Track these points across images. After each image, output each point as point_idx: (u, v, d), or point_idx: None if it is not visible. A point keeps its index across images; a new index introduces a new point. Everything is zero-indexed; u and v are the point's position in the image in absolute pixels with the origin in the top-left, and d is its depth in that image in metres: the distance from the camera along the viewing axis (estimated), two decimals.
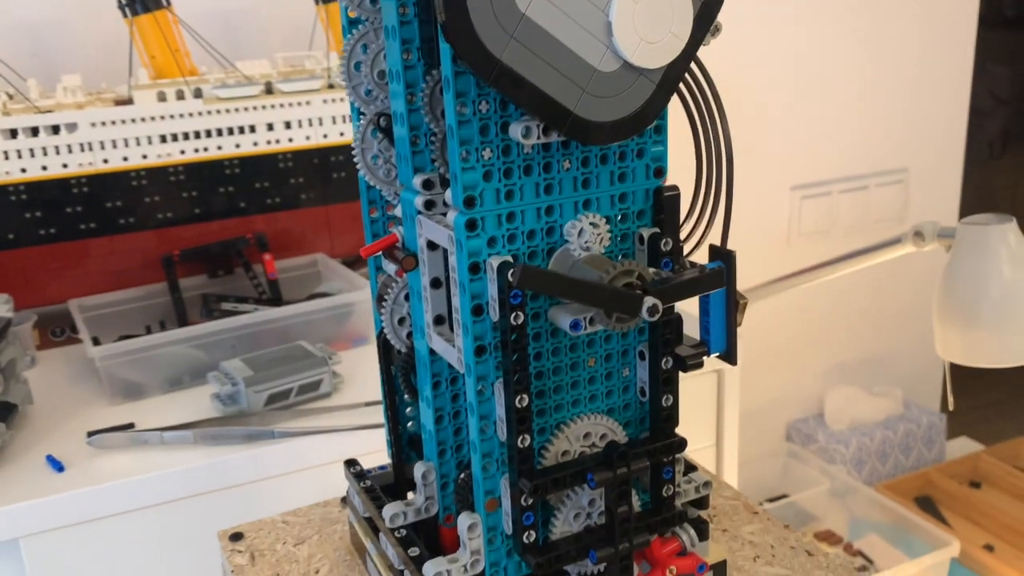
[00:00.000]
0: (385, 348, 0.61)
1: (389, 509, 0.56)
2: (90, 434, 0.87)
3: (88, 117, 1.09)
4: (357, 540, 0.66)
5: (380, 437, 0.67)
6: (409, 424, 0.64)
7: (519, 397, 0.47)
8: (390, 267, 0.58)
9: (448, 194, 0.47)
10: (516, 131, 0.45)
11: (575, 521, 0.51)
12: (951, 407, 1.06)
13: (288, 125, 1.18)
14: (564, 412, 0.52)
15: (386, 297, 0.58)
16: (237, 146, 1.16)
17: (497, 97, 0.45)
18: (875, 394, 1.96)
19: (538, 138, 0.45)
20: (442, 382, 0.55)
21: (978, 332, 0.98)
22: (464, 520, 0.51)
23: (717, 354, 0.53)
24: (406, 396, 0.61)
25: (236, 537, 0.69)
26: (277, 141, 1.18)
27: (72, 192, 1.10)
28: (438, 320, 0.53)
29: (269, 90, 1.19)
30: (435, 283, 0.52)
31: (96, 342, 0.98)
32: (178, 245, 1.15)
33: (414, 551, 0.54)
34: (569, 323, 0.47)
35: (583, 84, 0.43)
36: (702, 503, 0.58)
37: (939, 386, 2.08)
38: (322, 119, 1.20)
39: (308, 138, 1.19)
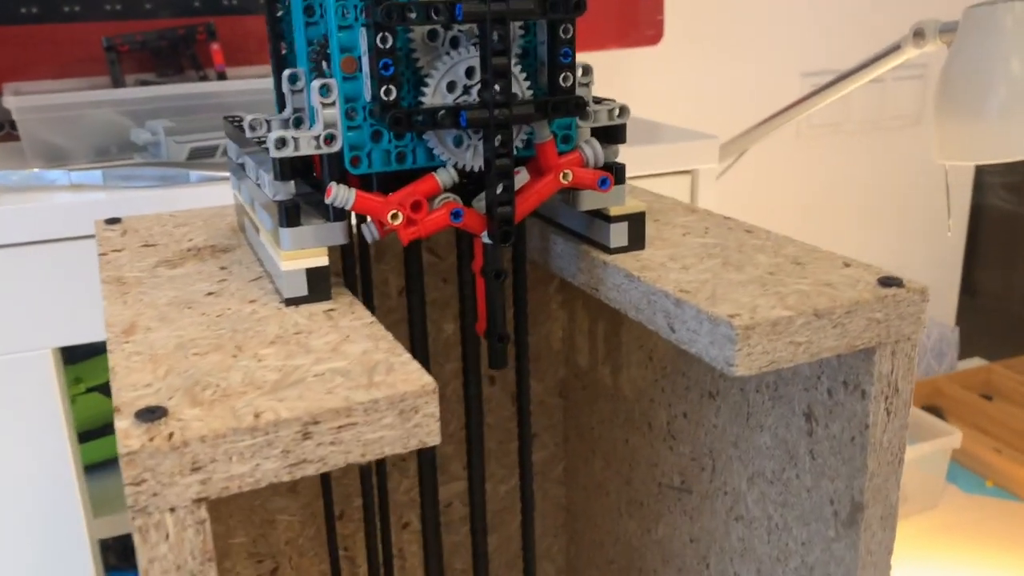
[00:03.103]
0: None
1: (250, 117, 0.49)
2: None
3: None
4: (241, 219, 0.59)
5: None
6: None
7: None
8: None
9: None
10: None
11: (449, 93, 0.44)
12: (949, 230, 0.97)
13: None
14: None
15: None
16: None
17: None
18: None
19: None
20: None
21: (982, 124, 0.89)
22: (316, 83, 0.43)
23: None
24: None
25: (113, 221, 0.62)
26: None
27: None
28: None
29: None
30: None
31: None
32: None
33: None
34: None
35: None
36: (616, 134, 0.50)
37: (953, 300, 1.97)
38: None
39: None
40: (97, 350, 1.07)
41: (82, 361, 1.07)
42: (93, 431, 1.07)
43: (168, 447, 0.32)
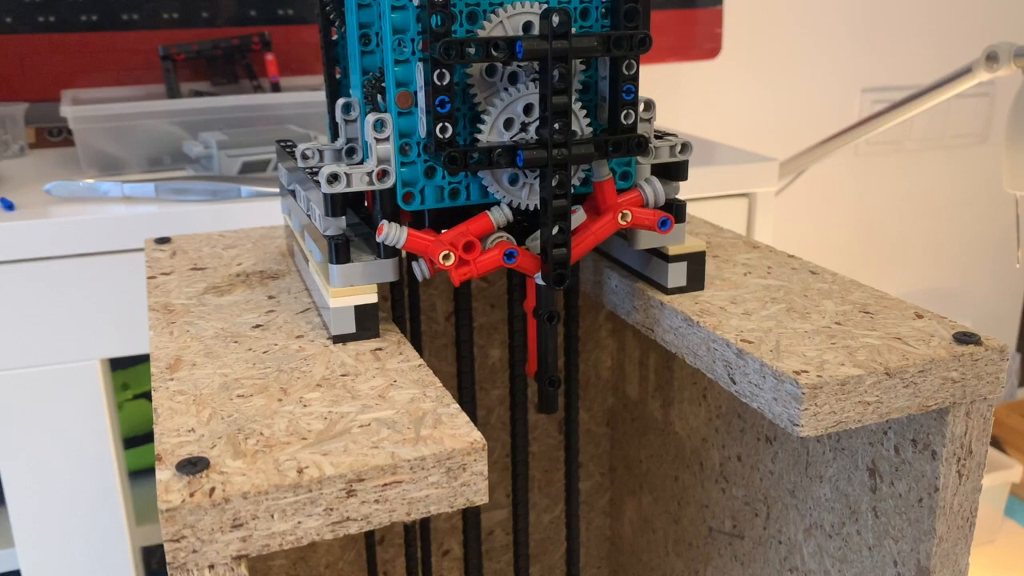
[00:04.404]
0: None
1: (302, 146, 0.48)
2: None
3: None
4: (290, 244, 0.58)
5: None
6: None
7: None
8: None
9: None
10: None
11: (506, 131, 0.42)
12: (1019, 262, 0.93)
13: None
14: None
15: None
16: None
17: None
18: None
19: None
20: None
21: None
22: (370, 117, 0.42)
23: None
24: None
25: (163, 240, 0.62)
26: None
27: None
28: None
29: None
30: None
31: None
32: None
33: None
34: None
35: None
36: (677, 171, 0.48)
37: (1015, 326, 1.91)
38: None
39: None
40: (145, 357, 1.07)
41: (130, 367, 1.08)
42: (138, 437, 1.07)
43: (209, 503, 0.31)
